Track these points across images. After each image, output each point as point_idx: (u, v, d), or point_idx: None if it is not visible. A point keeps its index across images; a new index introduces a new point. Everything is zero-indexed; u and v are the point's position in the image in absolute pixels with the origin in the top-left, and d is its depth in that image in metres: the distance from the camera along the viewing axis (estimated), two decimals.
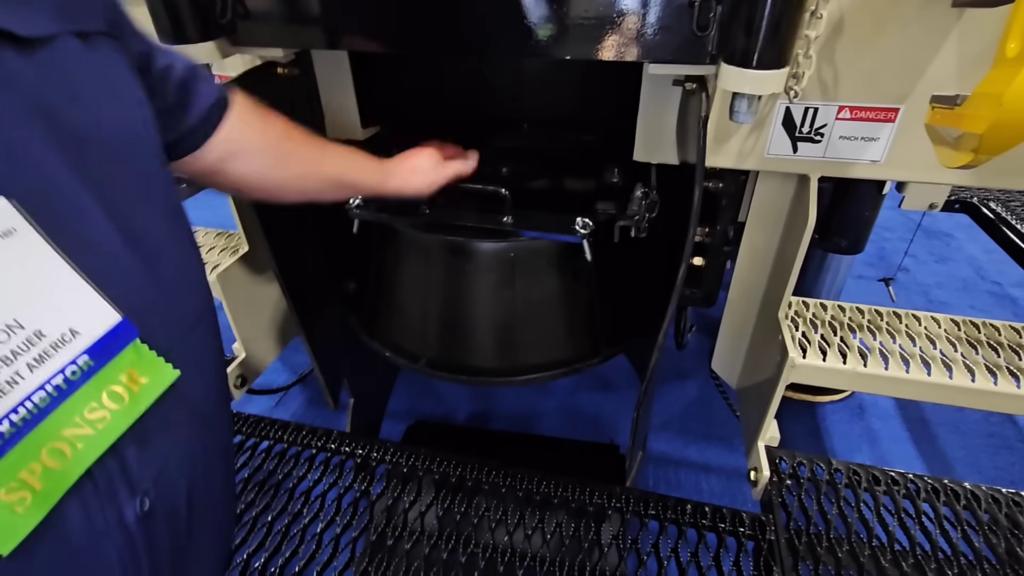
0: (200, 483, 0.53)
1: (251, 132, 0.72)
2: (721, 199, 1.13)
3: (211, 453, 0.56)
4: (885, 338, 1.05)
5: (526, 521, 0.99)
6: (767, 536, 0.96)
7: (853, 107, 0.91)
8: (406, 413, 2.01)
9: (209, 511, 0.57)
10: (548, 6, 0.72)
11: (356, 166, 0.86)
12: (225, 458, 0.62)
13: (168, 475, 0.49)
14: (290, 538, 0.96)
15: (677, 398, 2.08)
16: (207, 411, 0.56)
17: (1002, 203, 2.02)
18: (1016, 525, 0.97)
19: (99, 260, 0.43)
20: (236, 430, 1.16)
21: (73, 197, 0.42)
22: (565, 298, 1.05)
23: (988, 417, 1.97)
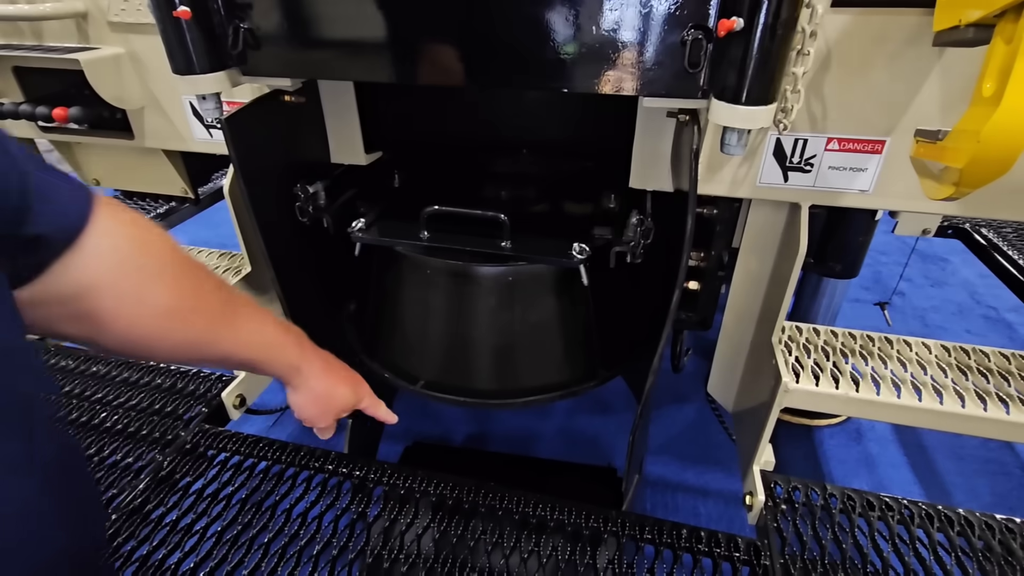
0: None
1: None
2: (715, 225, 1.16)
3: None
4: (877, 363, 1.06)
5: (522, 544, 0.99)
6: (762, 561, 0.96)
7: (841, 139, 0.94)
8: (403, 434, 2.01)
9: None
10: (547, 42, 0.75)
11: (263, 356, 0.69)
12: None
13: None
14: (286, 560, 0.96)
15: (675, 421, 2.08)
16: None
17: (994, 229, 2.05)
18: (1010, 552, 0.97)
19: None
20: (234, 450, 1.16)
21: None
22: (563, 322, 1.06)
23: (986, 443, 1.97)
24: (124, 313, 0.54)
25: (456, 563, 0.96)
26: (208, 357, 0.63)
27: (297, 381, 0.76)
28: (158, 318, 0.56)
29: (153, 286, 0.55)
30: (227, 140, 0.86)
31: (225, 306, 0.63)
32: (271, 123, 0.99)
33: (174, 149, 1.27)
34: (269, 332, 0.69)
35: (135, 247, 0.54)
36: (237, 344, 0.65)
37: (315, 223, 1.09)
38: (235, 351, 0.65)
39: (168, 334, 0.57)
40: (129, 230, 0.54)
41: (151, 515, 1.03)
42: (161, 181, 1.38)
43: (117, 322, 0.54)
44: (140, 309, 0.54)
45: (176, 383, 1.34)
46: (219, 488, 1.09)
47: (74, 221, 0.50)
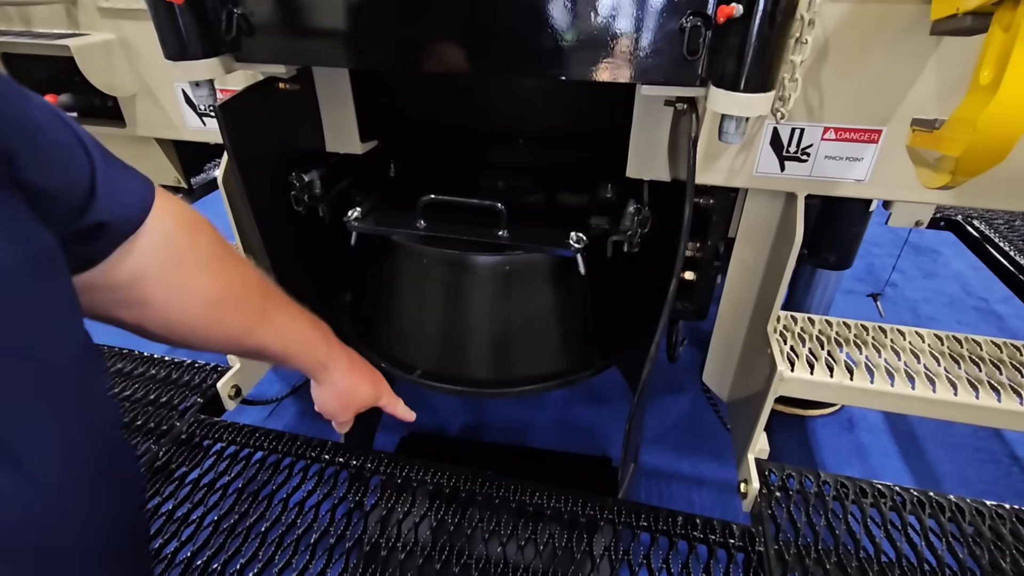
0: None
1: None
2: (712, 215, 1.16)
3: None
4: (871, 352, 1.07)
5: (519, 532, 0.99)
6: (756, 547, 0.97)
7: (838, 128, 0.94)
8: (399, 425, 2.00)
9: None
10: (545, 29, 0.75)
11: (295, 350, 0.70)
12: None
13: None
14: (284, 548, 0.96)
15: (669, 411, 2.10)
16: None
17: (985, 221, 2.07)
18: (999, 537, 0.99)
19: None
20: (230, 440, 1.16)
21: None
22: (559, 311, 1.06)
23: (976, 432, 1.99)
24: (174, 302, 0.55)
25: (453, 551, 0.97)
26: (245, 347, 0.64)
27: (322, 377, 0.76)
28: (205, 307, 0.57)
29: (202, 276, 0.57)
30: (221, 127, 0.85)
31: (265, 299, 0.64)
32: (265, 110, 0.98)
33: (166, 138, 1.26)
34: (302, 327, 0.70)
35: (187, 237, 0.55)
36: (273, 337, 0.66)
37: (311, 212, 1.08)
38: (270, 344, 0.66)
39: (213, 324, 0.59)
40: (181, 220, 0.55)
41: (147, 505, 1.03)
42: (153, 170, 1.37)
43: (167, 310, 0.55)
44: (189, 298, 0.56)
45: (171, 374, 1.34)
46: (215, 478, 1.09)
47: (136, 211, 0.51)
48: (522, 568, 0.94)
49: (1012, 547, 0.97)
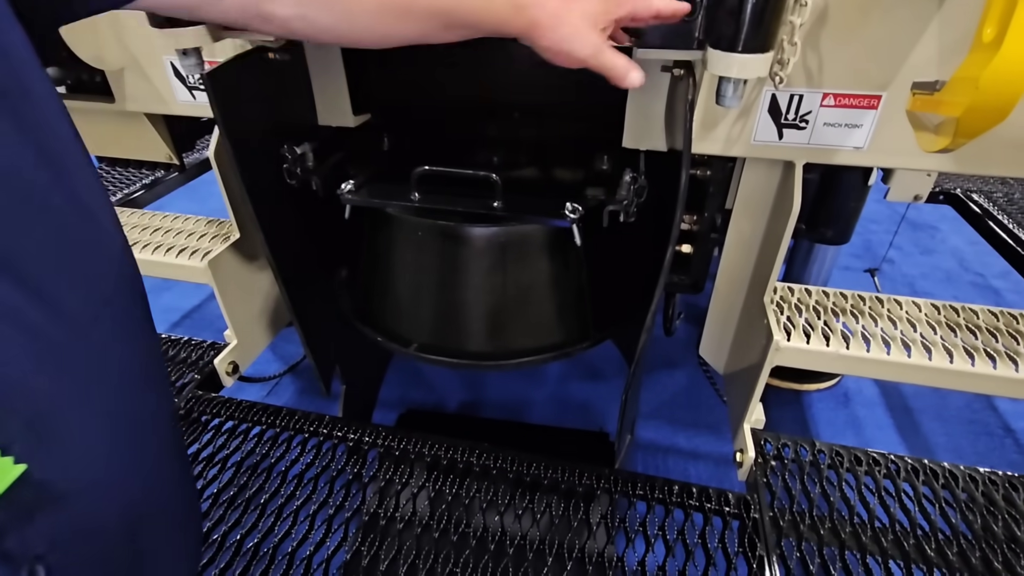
0: (132, 522, 0.44)
1: None
2: (709, 186, 1.15)
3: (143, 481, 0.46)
4: (868, 322, 1.07)
5: (516, 503, 1.00)
6: (751, 515, 0.98)
7: (837, 94, 0.93)
8: (398, 402, 2.03)
9: (158, 538, 0.49)
10: None
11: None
12: (173, 482, 0.51)
13: (72, 535, 0.39)
14: (283, 519, 0.97)
15: (666, 386, 2.11)
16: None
17: (985, 195, 2.06)
18: (992, 503, 1.00)
19: None
20: (228, 415, 1.16)
21: None
22: (555, 283, 1.06)
23: (970, 404, 2.01)
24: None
25: (451, 521, 0.98)
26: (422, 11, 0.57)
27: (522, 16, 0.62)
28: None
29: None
30: (209, 96, 0.84)
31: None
32: (255, 81, 0.96)
33: (156, 112, 1.24)
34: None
35: None
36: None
37: (304, 186, 1.06)
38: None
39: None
40: None
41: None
42: (144, 147, 1.35)
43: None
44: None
45: (168, 351, 1.34)
46: (214, 452, 1.09)
47: None
48: (519, 537, 0.95)
49: (1004, 512, 0.98)
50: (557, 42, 0.64)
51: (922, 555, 0.92)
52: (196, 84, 1.15)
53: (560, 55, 0.65)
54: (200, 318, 2.51)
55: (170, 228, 1.35)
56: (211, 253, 1.23)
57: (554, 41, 0.64)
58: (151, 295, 0.52)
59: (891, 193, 1.70)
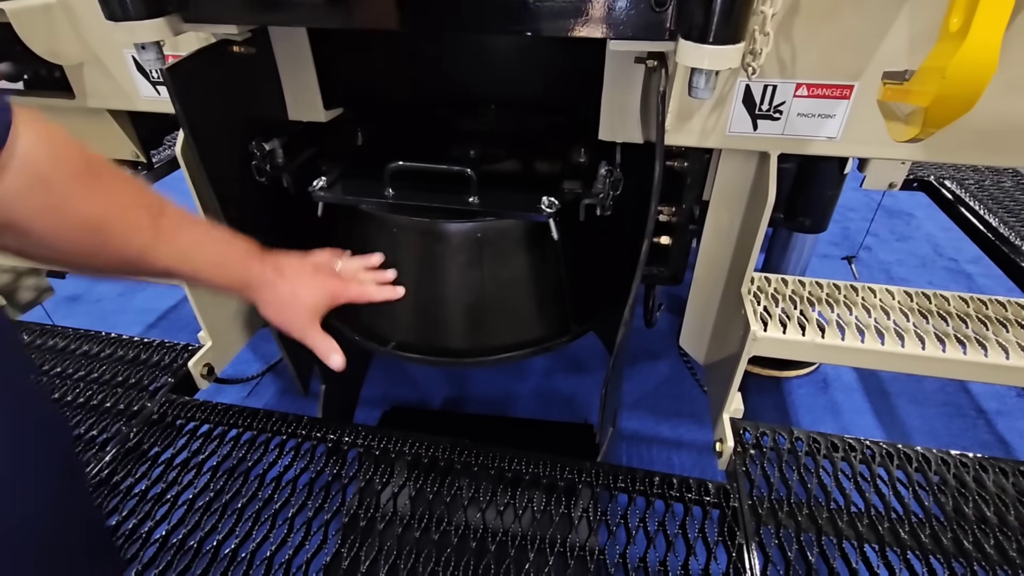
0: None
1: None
2: (686, 178, 1.15)
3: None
4: (843, 310, 1.08)
5: (498, 498, 1.00)
6: (731, 503, 0.99)
7: (810, 84, 0.93)
8: (381, 400, 2.01)
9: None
10: None
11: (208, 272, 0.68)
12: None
13: None
14: (261, 523, 0.95)
15: (649, 378, 2.12)
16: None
17: (957, 181, 2.09)
18: (963, 485, 1.02)
19: None
20: (204, 419, 1.14)
21: None
22: (534, 277, 1.05)
23: (944, 388, 2.06)
24: (47, 225, 0.52)
25: (432, 519, 0.97)
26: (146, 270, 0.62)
27: (252, 295, 0.74)
28: (84, 231, 0.55)
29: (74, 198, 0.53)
30: (170, 91, 0.81)
31: (159, 219, 0.61)
32: (219, 75, 0.93)
33: (120, 109, 1.20)
34: (213, 246, 0.68)
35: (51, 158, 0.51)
36: (176, 258, 0.63)
37: (275, 184, 1.04)
38: (175, 266, 0.64)
39: (99, 247, 0.57)
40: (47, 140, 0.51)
41: (119, 486, 1.02)
42: (109, 145, 1.30)
43: (42, 235, 0.52)
44: (63, 221, 0.53)
45: (140, 354, 1.30)
46: (189, 456, 1.07)
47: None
48: (501, 533, 0.95)
49: (975, 493, 1.00)
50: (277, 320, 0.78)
51: (896, 538, 0.93)
52: (159, 79, 1.11)
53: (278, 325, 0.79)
54: (176, 319, 2.46)
55: None
56: None
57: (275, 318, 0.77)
58: (125, 296, 0.50)
59: (867, 181, 1.72)
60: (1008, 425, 1.91)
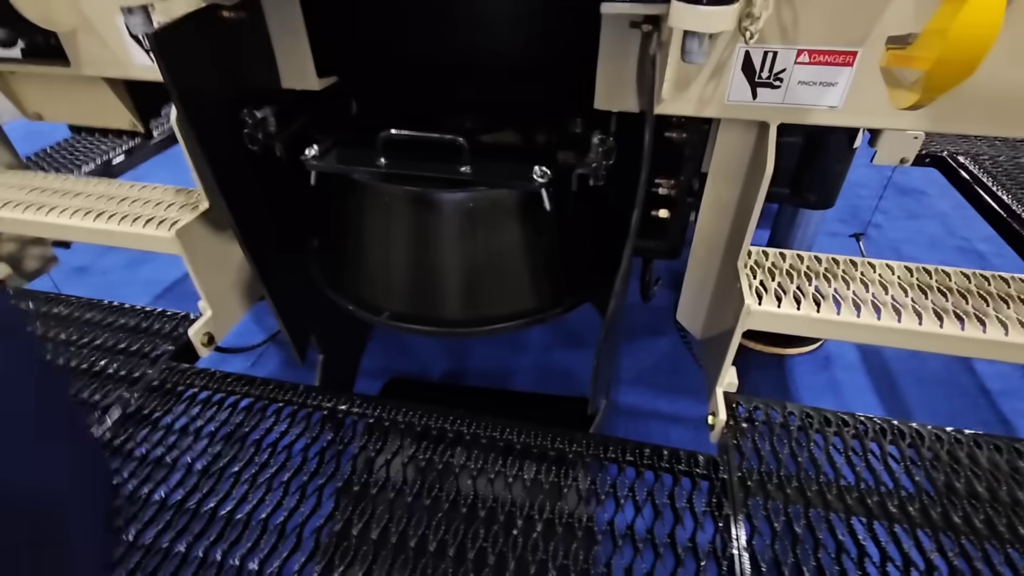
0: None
1: None
2: (685, 149, 1.12)
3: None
4: (840, 285, 1.07)
5: (487, 467, 1.01)
6: (720, 475, 1.00)
7: (812, 51, 0.90)
8: (381, 371, 2.03)
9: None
10: None
11: None
12: None
13: None
14: (257, 487, 0.98)
15: (648, 353, 2.12)
16: None
17: (971, 157, 2.04)
18: (956, 461, 1.02)
19: None
20: (202, 386, 1.16)
21: None
22: (526, 248, 1.05)
23: (947, 366, 2.04)
24: None
25: (424, 486, 0.99)
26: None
27: None
28: None
29: None
30: (156, 56, 0.80)
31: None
32: (209, 41, 0.92)
33: (115, 76, 1.19)
34: None
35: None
36: None
37: (268, 152, 1.04)
38: None
39: None
40: None
41: (121, 449, 1.04)
42: (106, 114, 1.30)
43: None
44: None
45: (141, 323, 1.32)
46: (188, 422, 1.10)
47: None
48: (491, 499, 0.97)
49: (968, 469, 1.00)
50: None
51: (884, 511, 0.94)
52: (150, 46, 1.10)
53: None
54: (182, 290, 2.48)
55: (137, 198, 1.32)
56: (179, 223, 1.20)
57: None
58: (131, 267, 0.50)
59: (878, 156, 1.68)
60: (1011, 406, 1.90)
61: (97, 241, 1.27)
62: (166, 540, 0.90)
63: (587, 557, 0.89)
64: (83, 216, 1.25)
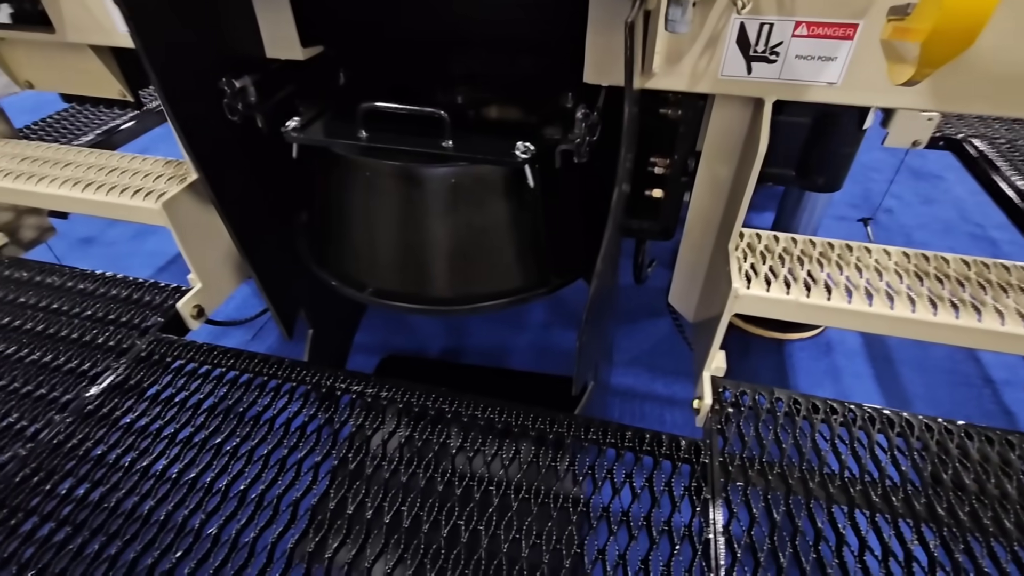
0: None
1: None
2: (679, 126, 1.09)
3: None
4: (834, 270, 1.04)
5: (468, 445, 1.01)
6: (702, 459, 0.99)
7: (811, 23, 0.86)
8: (379, 347, 2.04)
9: None
10: None
11: None
12: None
13: None
14: (237, 458, 0.98)
15: (647, 335, 2.11)
16: None
17: (987, 140, 1.96)
18: (946, 452, 1.00)
19: None
20: (189, 358, 1.17)
21: None
22: (510, 226, 1.03)
23: (952, 355, 2.00)
24: None
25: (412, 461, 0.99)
26: None
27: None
28: None
29: None
30: (126, 21, 0.78)
31: None
32: (186, 7, 0.90)
33: (100, 44, 1.18)
34: None
35: None
36: None
37: (249, 123, 1.02)
38: None
39: None
40: None
41: (107, 418, 1.05)
42: (94, 82, 1.29)
43: None
44: None
45: (132, 294, 1.33)
46: (174, 393, 1.10)
47: None
48: (469, 476, 0.97)
49: (956, 460, 0.98)
50: None
51: (867, 500, 0.92)
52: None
53: None
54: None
55: (127, 169, 1.32)
56: (166, 194, 1.20)
57: None
58: (138, 239, 0.49)
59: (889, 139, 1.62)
60: (1015, 396, 1.86)
61: (84, 211, 1.27)
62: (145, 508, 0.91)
63: (561, 536, 0.88)
64: (71, 186, 1.25)
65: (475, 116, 1.05)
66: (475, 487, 0.96)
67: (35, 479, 0.96)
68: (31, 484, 0.95)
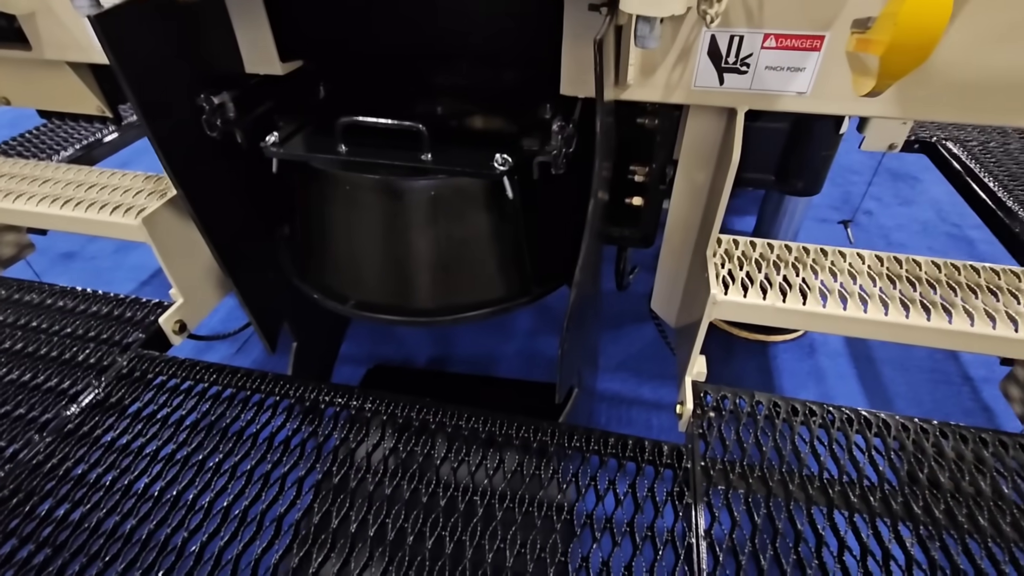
0: None
1: None
2: (656, 136, 1.11)
3: None
4: (808, 274, 1.06)
5: (452, 455, 1.02)
6: (684, 464, 1.00)
7: (779, 35, 0.88)
8: (366, 358, 2.04)
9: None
10: None
11: None
12: None
13: None
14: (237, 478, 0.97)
15: (633, 341, 2.12)
16: None
17: (960, 143, 2.01)
18: (921, 451, 1.02)
19: None
20: (171, 375, 1.16)
21: None
22: (491, 236, 1.04)
23: (932, 354, 2.03)
24: None
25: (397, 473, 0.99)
26: None
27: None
28: None
29: None
30: (100, 40, 0.79)
31: None
32: (161, 25, 0.90)
33: (77, 60, 1.17)
34: None
35: None
36: None
37: (229, 139, 1.02)
38: None
39: None
40: None
41: (87, 436, 1.04)
42: (72, 98, 1.29)
43: None
44: None
45: (113, 310, 1.32)
46: (156, 409, 1.10)
47: None
48: (454, 486, 0.97)
49: (932, 459, 1.00)
50: None
51: (845, 501, 0.94)
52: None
53: None
54: None
55: (107, 185, 1.31)
56: (146, 210, 1.19)
57: None
58: (120, 253, 0.49)
59: (866, 142, 1.66)
60: (993, 393, 1.90)
61: (63, 228, 1.26)
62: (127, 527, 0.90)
63: (545, 545, 0.89)
64: (50, 203, 1.24)
65: (454, 128, 1.06)
66: (460, 497, 0.96)
67: (14, 500, 0.95)
68: (9, 506, 0.94)
